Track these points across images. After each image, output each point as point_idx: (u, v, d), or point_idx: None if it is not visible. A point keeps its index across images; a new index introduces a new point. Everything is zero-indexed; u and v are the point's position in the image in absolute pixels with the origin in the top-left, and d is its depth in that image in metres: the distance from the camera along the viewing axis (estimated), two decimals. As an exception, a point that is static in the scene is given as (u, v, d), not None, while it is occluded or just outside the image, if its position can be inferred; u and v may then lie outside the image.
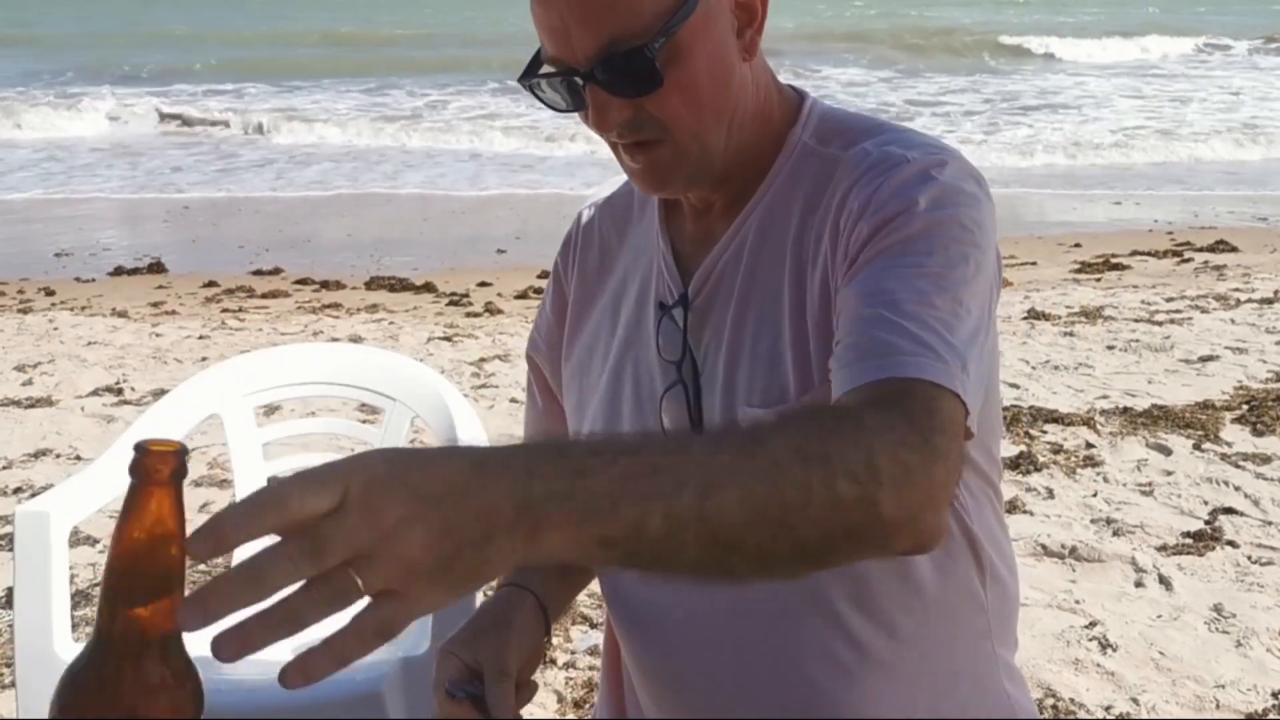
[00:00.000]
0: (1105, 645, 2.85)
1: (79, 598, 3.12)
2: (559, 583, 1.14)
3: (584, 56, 0.92)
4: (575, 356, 1.16)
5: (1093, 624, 2.94)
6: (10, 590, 3.07)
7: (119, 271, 7.86)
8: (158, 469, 0.68)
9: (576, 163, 11.46)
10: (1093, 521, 3.52)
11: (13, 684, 2.61)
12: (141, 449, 0.68)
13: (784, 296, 0.99)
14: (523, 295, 7.08)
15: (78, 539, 3.39)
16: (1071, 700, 2.65)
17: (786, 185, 1.02)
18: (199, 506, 3.79)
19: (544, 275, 7.21)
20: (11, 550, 3.27)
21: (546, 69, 0.96)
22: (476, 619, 1.08)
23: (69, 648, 1.85)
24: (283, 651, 0.65)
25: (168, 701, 0.70)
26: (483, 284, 7.33)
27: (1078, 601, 3.08)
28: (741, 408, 0.99)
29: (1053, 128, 13.42)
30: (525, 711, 2.85)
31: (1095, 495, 3.70)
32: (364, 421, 3.20)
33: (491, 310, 6.70)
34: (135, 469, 0.68)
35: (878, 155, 0.97)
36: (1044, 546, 3.34)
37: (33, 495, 3.77)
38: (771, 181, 1.02)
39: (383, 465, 0.63)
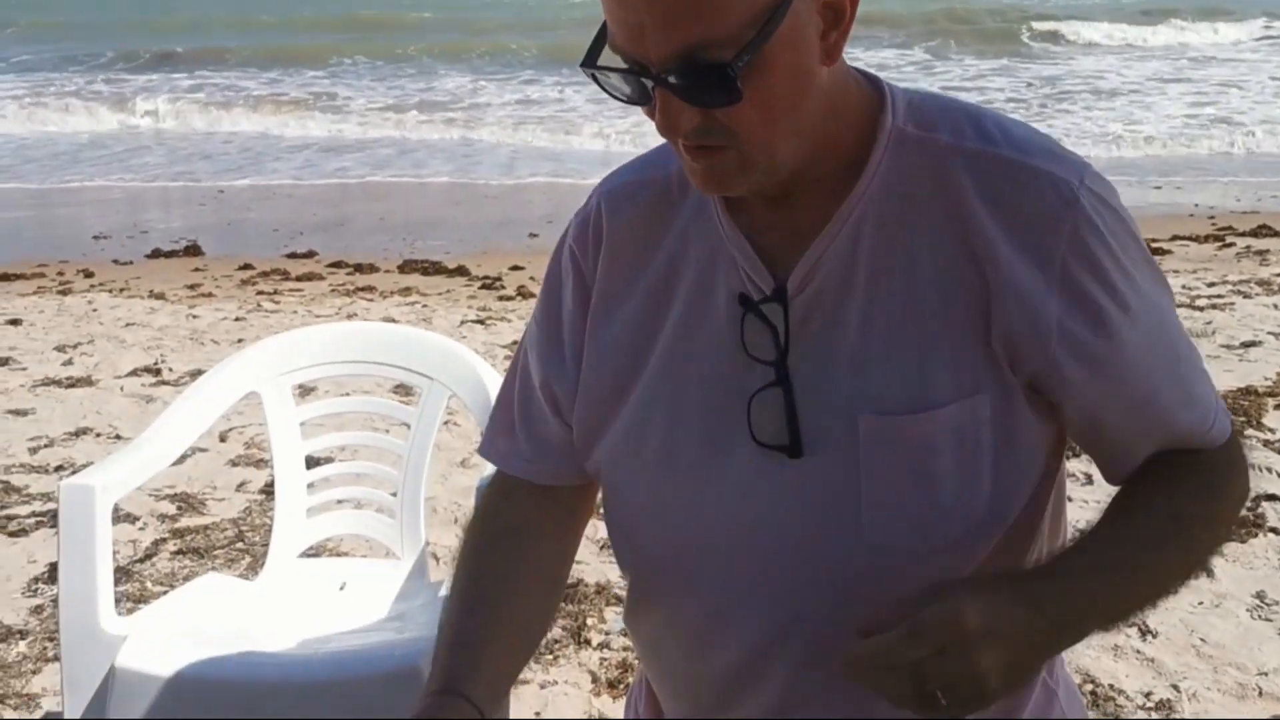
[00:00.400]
0: (1145, 631, 2.82)
1: (120, 574, 3.16)
2: (499, 684, 1.02)
3: (658, 59, 0.85)
4: (600, 349, 1.06)
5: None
6: (54, 565, 3.12)
7: (156, 254, 7.93)
8: None
9: (615, 154, 11.40)
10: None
11: (57, 657, 2.65)
12: None
13: (923, 299, 0.93)
14: (555, 279, 7.07)
15: (118, 516, 3.43)
16: (1111, 686, 2.62)
17: (892, 176, 0.95)
18: (236, 485, 3.83)
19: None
20: (54, 526, 3.32)
21: (614, 60, 0.89)
22: None
23: (113, 621, 1.87)
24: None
25: None
26: (515, 268, 7.34)
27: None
28: (863, 413, 0.93)
29: (1105, 115, 13.18)
30: (560, 691, 2.85)
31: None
32: (401, 402, 3.21)
33: (524, 294, 6.70)
34: None
35: (1037, 173, 0.92)
36: (1082, 533, 3.30)
37: (74, 472, 3.83)
38: (873, 172, 0.95)
39: (975, 619, 0.84)
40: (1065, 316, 0.92)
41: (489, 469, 2.02)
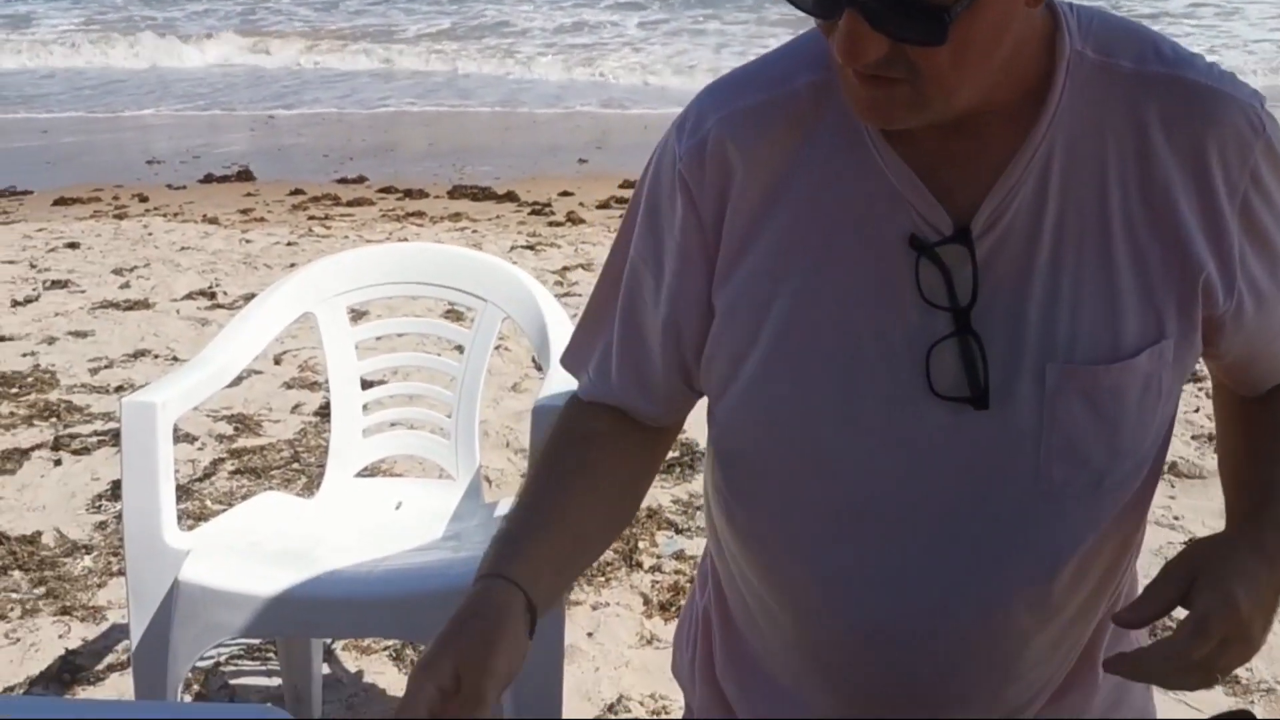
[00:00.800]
0: (1205, 563, 2.79)
1: (180, 492, 3.22)
2: (546, 574, 0.96)
3: None
4: (737, 293, 0.96)
5: (1192, 540, 2.87)
6: (116, 482, 3.19)
7: (209, 179, 7.98)
8: None
9: (677, 92, 11.16)
10: (1194, 438, 3.41)
11: (121, 571, 2.71)
12: None
13: (1112, 240, 0.88)
14: (604, 205, 7.04)
15: (177, 436, 3.48)
16: (1168, 616, 2.59)
17: (1076, 106, 0.88)
18: (291, 407, 3.88)
19: (627, 185, 7.15)
20: (115, 445, 3.38)
21: None
22: (465, 626, 0.90)
23: (176, 536, 1.90)
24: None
25: None
26: (564, 193, 7.30)
27: (1177, 518, 3.00)
28: (1051, 362, 0.89)
29: (1188, 39, 12.69)
30: (612, 613, 2.84)
31: (1197, 411, 3.58)
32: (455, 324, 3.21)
33: (574, 219, 6.67)
34: None
35: (1226, 98, 0.89)
36: (1249, 466, 3.24)
37: (134, 393, 3.89)
38: (1056, 102, 0.87)
39: (1246, 602, 0.87)
40: (1244, 250, 0.90)
41: (542, 393, 2.02)
